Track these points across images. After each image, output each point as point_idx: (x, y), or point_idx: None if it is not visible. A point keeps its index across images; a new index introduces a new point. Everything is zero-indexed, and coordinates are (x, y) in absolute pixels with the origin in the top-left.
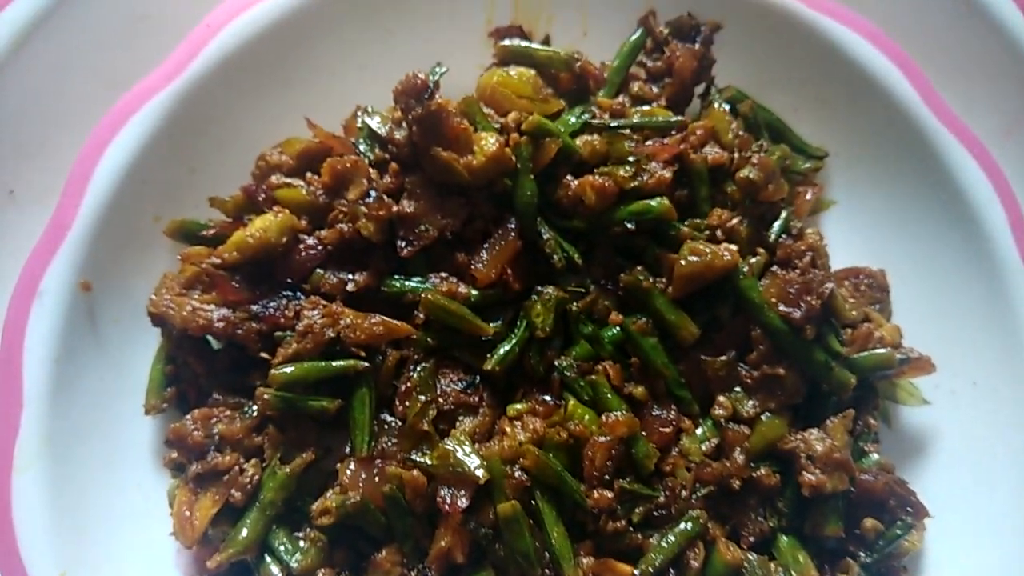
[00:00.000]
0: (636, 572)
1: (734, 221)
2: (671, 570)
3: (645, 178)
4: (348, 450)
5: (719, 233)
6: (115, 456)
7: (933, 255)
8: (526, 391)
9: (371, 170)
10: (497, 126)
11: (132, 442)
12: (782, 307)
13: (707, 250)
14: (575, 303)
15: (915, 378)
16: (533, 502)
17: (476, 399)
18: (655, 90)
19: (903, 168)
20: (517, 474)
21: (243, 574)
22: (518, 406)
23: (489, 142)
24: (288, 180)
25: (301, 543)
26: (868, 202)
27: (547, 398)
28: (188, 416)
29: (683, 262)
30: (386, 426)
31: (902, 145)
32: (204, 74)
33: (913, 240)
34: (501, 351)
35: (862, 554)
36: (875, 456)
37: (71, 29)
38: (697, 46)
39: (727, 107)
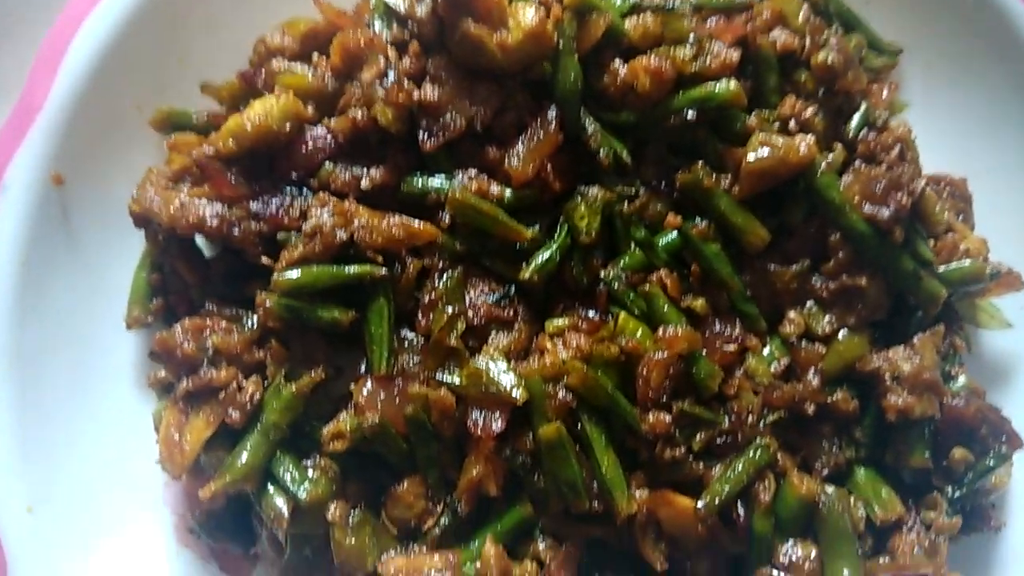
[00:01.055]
0: (700, 505)
1: (809, 111)
2: (739, 503)
3: (707, 60)
4: (363, 369)
5: (792, 125)
6: (91, 376)
7: (1018, 162)
8: (567, 306)
9: (389, 50)
10: (536, 1)
11: (111, 360)
12: (867, 207)
13: (780, 142)
14: (624, 205)
15: (999, 297)
16: (579, 426)
17: (510, 313)
18: None
19: (987, 66)
20: (561, 394)
21: (241, 511)
22: (558, 321)
23: (527, 15)
24: (291, 66)
25: (310, 472)
26: (947, 104)
27: (591, 313)
28: (177, 325)
29: (752, 156)
30: (407, 344)
31: (987, 40)
32: None
33: (997, 146)
34: (540, 259)
35: (948, 488)
36: (963, 380)
37: None
38: None
39: None
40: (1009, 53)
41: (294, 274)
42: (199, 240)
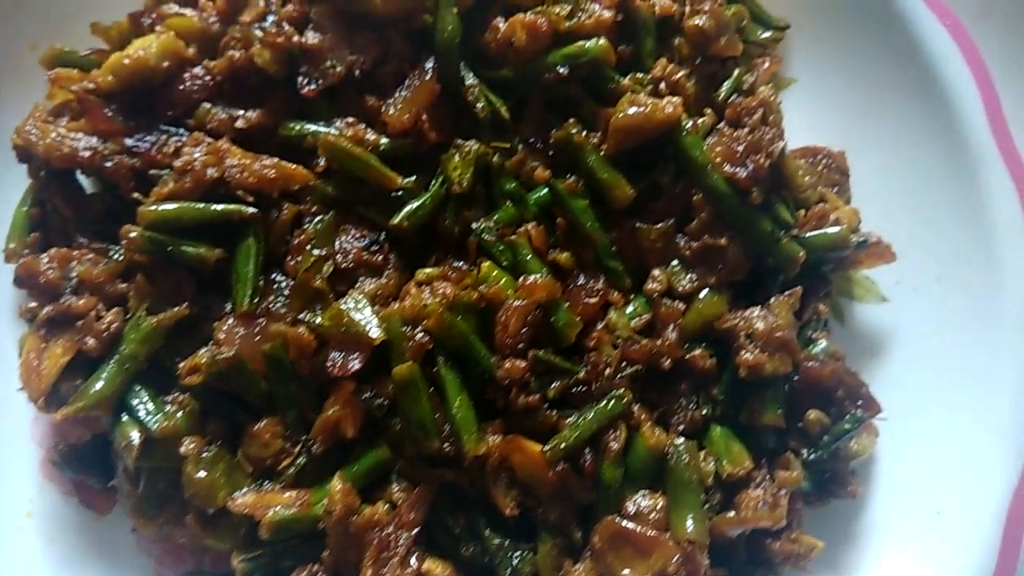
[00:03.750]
0: (546, 449)
1: (680, 75)
2: (588, 451)
3: (583, 18)
4: (228, 309)
5: (663, 87)
6: None
7: (899, 138)
8: (439, 257)
9: None
10: None
11: None
12: (727, 167)
13: (647, 101)
14: (498, 159)
15: (872, 268)
16: (435, 370)
17: (380, 259)
18: None
19: (870, 43)
20: (418, 336)
21: (104, 446)
22: (429, 271)
23: None
24: (182, 11)
25: (168, 407)
26: (831, 80)
27: (461, 264)
28: (44, 254)
29: (620, 114)
30: (275, 287)
31: (870, 18)
32: None
33: (878, 122)
34: (412, 206)
35: (804, 451)
36: (823, 343)
37: None
38: None
39: None
40: (893, 34)
41: (160, 207)
42: (81, 178)
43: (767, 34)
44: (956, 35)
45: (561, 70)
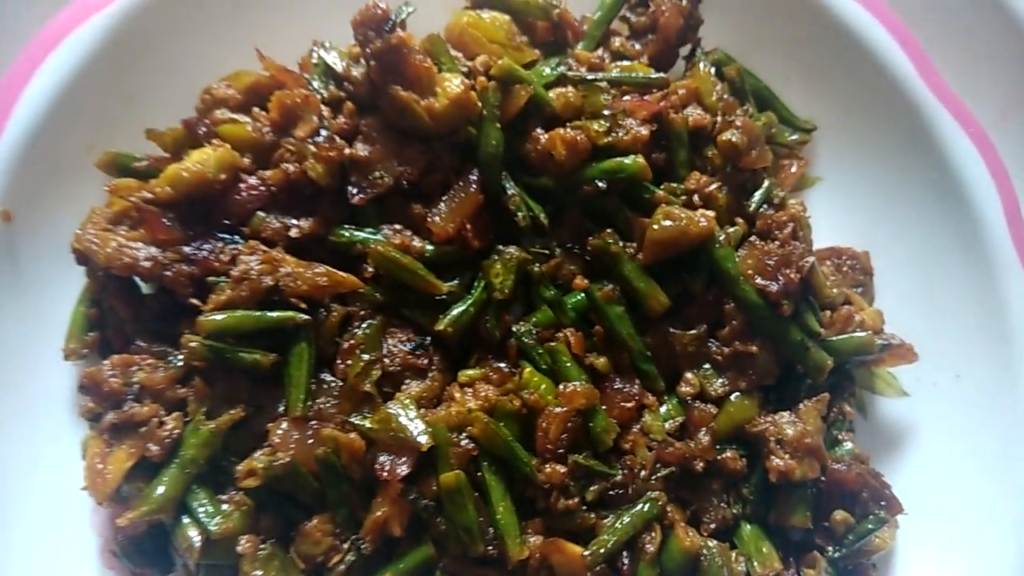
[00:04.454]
0: (586, 553)
1: (713, 187)
2: (624, 553)
3: (620, 134)
4: (281, 409)
5: (696, 198)
6: (29, 404)
7: (921, 240)
8: (480, 357)
9: (324, 108)
10: (464, 69)
11: (48, 390)
12: (759, 280)
13: (682, 215)
14: (538, 265)
15: (895, 367)
16: (480, 474)
17: (425, 362)
18: (637, 47)
19: (895, 146)
20: (464, 442)
21: (160, 537)
22: (470, 372)
23: (453, 84)
24: (234, 116)
25: (224, 506)
26: (856, 180)
27: (502, 365)
28: (106, 361)
29: (655, 226)
30: (325, 386)
31: (895, 121)
32: None
33: (901, 223)
34: (455, 311)
35: (830, 548)
36: (849, 445)
37: None
38: (684, 2)
39: (712, 69)
40: (917, 137)
41: (218, 317)
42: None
43: (795, 136)
44: (978, 141)
45: (600, 184)
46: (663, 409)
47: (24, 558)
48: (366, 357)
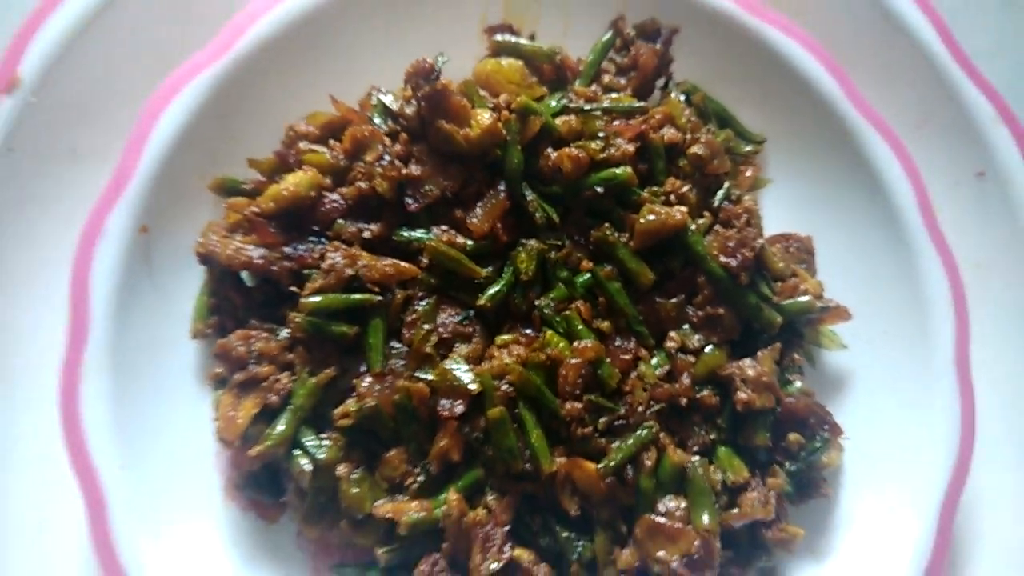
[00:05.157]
0: (600, 466)
1: (685, 189)
2: (629, 467)
3: (612, 151)
4: (363, 369)
5: (672, 198)
6: (165, 372)
7: (852, 226)
8: (511, 327)
9: (385, 139)
10: (491, 105)
11: (179, 362)
12: (722, 258)
13: (662, 211)
14: (553, 253)
15: (835, 325)
16: (517, 411)
17: (470, 330)
18: (623, 82)
19: (828, 153)
20: (504, 387)
21: (271, 473)
22: (505, 337)
23: (484, 117)
24: (313, 147)
25: (324, 442)
26: (798, 181)
27: (529, 331)
28: (232, 334)
29: (642, 220)
30: (394, 352)
31: (828, 133)
32: (244, 55)
33: (835, 213)
34: (491, 290)
35: (787, 463)
36: (799, 384)
37: (132, 12)
38: (658, 46)
39: (682, 97)
40: (846, 145)
41: (314, 299)
42: (244, 274)
43: (749, 147)
44: (893, 146)
45: (598, 189)
46: (654, 360)
47: (162, 493)
48: (426, 327)
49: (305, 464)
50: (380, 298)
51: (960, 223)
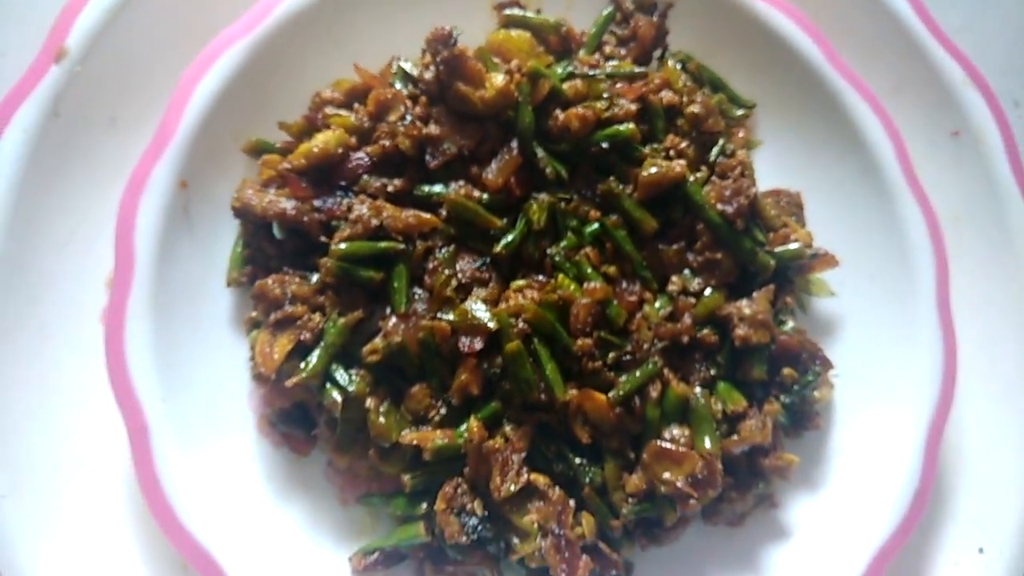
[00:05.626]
0: (610, 395)
1: (683, 145)
2: (636, 398)
3: (616, 110)
4: (389, 312)
5: (672, 153)
6: (203, 317)
7: (837, 180)
8: (525, 274)
9: (406, 100)
10: (504, 70)
11: (216, 308)
12: (719, 206)
13: (663, 164)
14: (563, 205)
15: (823, 272)
16: (532, 347)
17: (487, 275)
18: (623, 52)
19: (814, 115)
20: (520, 324)
21: (300, 410)
22: (520, 282)
23: (498, 80)
24: (338, 111)
25: (354, 377)
26: (787, 141)
27: (541, 277)
28: (268, 278)
29: (645, 173)
30: (416, 296)
31: (812, 96)
32: (275, 28)
33: (822, 170)
34: (507, 239)
35: (782, 396)
36: (791, 323)
37: None
38: (655, 18)
39: (679, 65)
40: (830, 107)
41: (345, 246)
42: (275, 228)
43: (740, 112)
44: (873, 106)
45: (604, 145)
46: (657, 303)
47: (200, 425)
48: (446, 272)
49: (337, 396)
50: (403, 247)
51: (938, 180)
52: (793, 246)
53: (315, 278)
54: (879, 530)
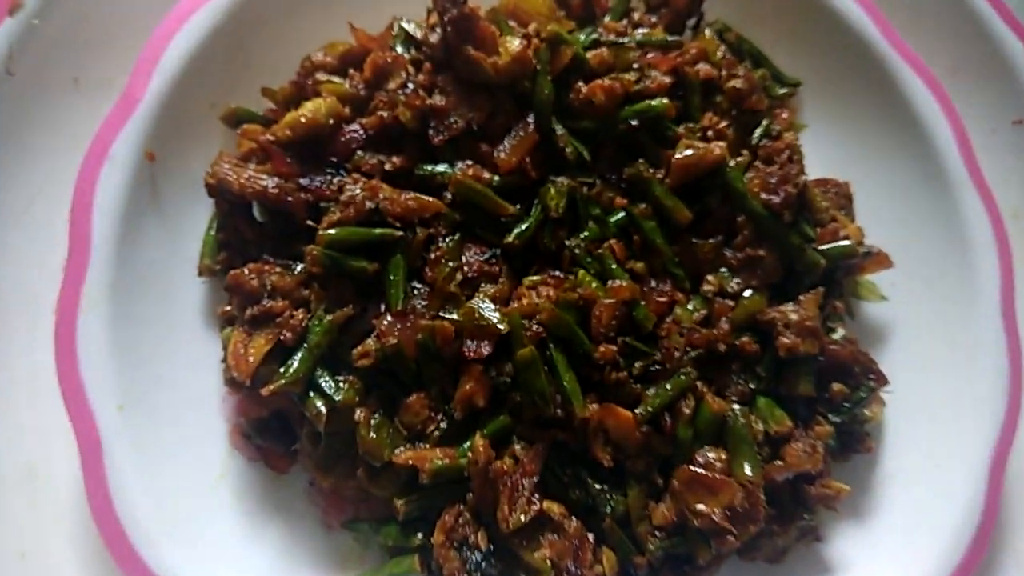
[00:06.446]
0: (637, 411)
1: (723, 124)
2: (665, 415)
3: (647, 82)
4: (383, 309)
5: (710, 134)
6: (170, 310)
7: (891, 170)
8: (539, 268)
9: (408, 66)
10: (520, 34)
11: (185, 300)
12: (763, 195)
13: (700, 145)
14: (584, 190)
15: (875, 274)
16: (547, 353)
17: (497, 269)
18: (653, 19)
19: (865, 95)
20: (534, 327)
21: (280, 421)
22: (534, 278)
23: (514, 44)
24: (330, 77)
25: (341, 384)
26: (835, 125)
27: (558, 273)
28: (245, 267)
29: (679, 155)
30: (415, 291)
31: (864, 75)
32: None
33: (874, 157)
34: (520, 228)
35: (830, 415)
36: (841, 332)
37: None
38: None
39: (716, 36)
40: (883, 87)
41: (334, 231)
42: (256, 209)
43: (783, 90)
44: (932, 87)
45: (633, 122)
46: (690, 305)
47: (168, 436)
48: (450, 264)
49: (321, 406)
50: (402, 233)
51: (997, 172)
52: (844, 243)
53: (299, 268)
54: (935, 569)
